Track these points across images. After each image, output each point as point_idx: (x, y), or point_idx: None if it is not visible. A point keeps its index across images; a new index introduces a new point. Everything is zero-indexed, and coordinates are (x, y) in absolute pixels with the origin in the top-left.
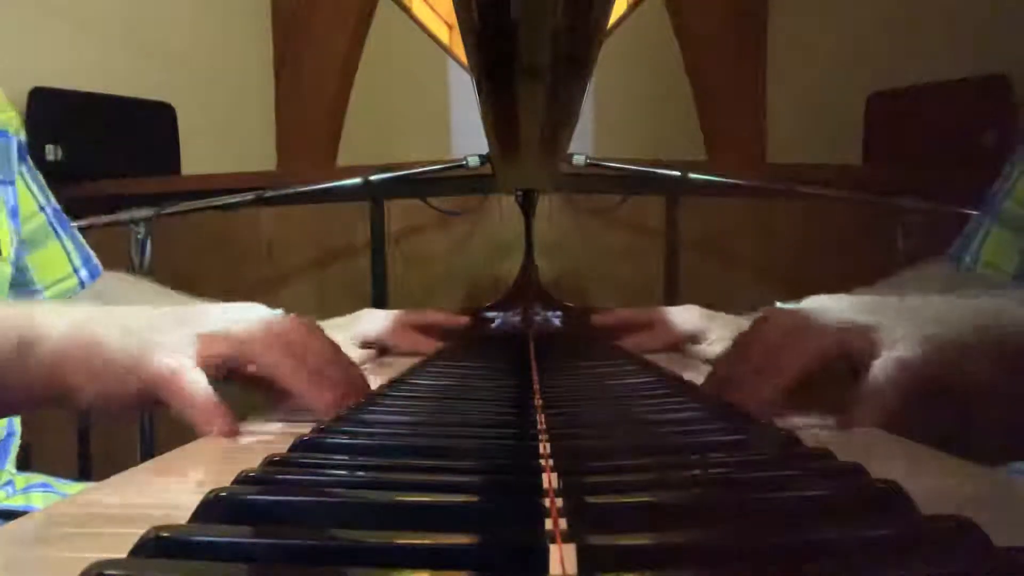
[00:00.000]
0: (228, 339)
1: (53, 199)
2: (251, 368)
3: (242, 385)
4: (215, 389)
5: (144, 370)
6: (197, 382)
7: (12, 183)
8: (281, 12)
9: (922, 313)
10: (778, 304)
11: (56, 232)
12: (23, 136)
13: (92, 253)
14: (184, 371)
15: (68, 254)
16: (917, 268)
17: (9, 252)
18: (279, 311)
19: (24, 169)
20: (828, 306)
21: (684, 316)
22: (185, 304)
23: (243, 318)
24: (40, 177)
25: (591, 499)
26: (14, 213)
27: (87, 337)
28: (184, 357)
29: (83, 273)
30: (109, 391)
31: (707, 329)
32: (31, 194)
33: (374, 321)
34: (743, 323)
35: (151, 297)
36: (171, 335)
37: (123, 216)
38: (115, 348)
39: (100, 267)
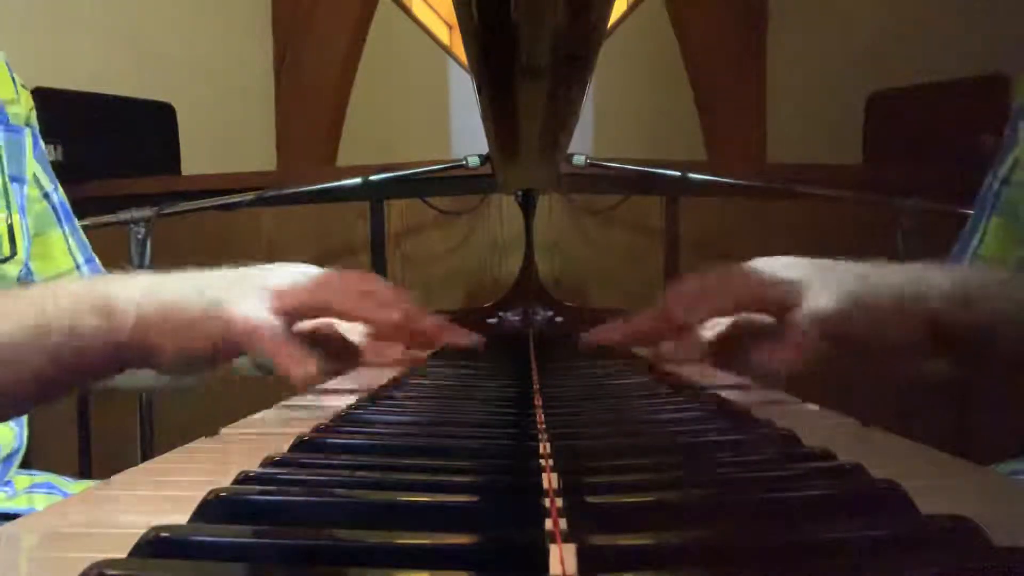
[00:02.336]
0: (301, 290)
1: (61, 191)
2: (328, 315)
3: (312, 348)
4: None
5: (225, 322)
6: (278, 331)
7: (24, 181)
8: (281, 12)
9: (851, 271)
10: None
11: (59, 221)
12: (35, 122)
13: (95, 256)
14: (265, 321)
15: (70, 247)
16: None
17: (22, 253)
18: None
19: (36, 155)
20: (771, 264)
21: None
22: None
23: (305, 272)
24: (49, 164)
25: (591, 499)
26: (23, 211)
27: (163, 299)
28: (262, 309)
29: (85, 270)
30: (190, 345)
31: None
32: (36, 178)
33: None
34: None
35: None
36: (245, 290)
37: (123, 216)
38: (193, 306)
39: (102, 269)
